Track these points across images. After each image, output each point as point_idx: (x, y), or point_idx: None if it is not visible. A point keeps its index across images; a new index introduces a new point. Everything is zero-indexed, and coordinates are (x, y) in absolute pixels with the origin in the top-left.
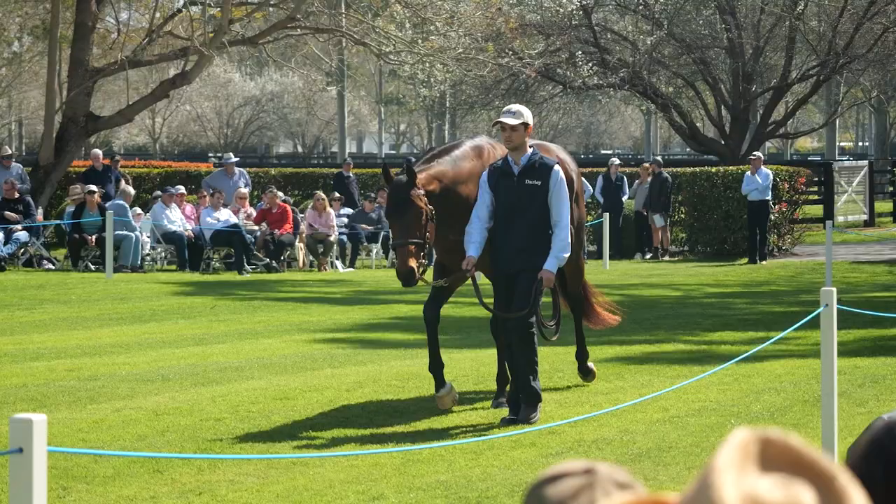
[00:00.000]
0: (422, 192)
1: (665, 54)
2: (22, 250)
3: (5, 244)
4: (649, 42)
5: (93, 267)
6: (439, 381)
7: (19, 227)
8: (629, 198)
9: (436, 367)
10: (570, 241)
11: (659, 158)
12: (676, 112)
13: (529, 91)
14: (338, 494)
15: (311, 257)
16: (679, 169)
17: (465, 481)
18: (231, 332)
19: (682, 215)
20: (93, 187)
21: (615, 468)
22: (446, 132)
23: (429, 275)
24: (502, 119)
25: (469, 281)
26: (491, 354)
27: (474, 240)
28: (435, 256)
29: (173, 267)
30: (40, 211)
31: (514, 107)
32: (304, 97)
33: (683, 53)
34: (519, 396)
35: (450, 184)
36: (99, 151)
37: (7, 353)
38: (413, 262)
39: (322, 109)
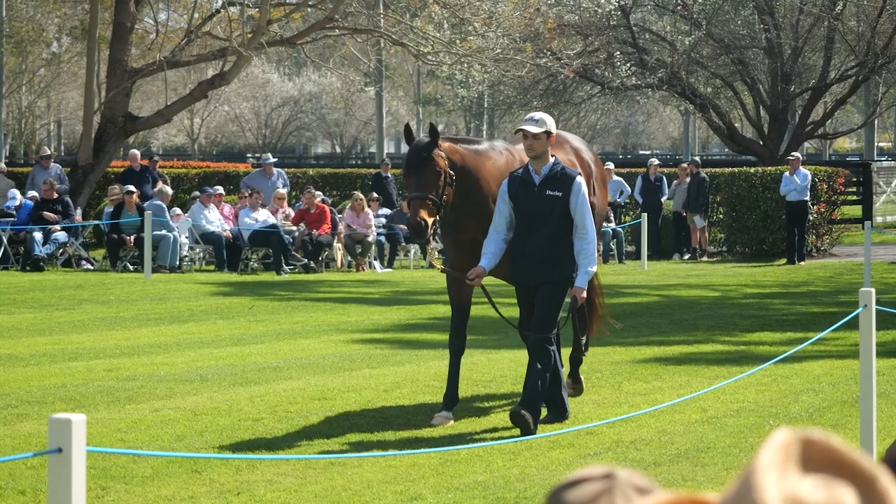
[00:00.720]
0: (443, 154)
1: (703, 54)
2: (61, 251)
3: (44, 244)
4: (688, 42)
5: (131, 267)
6: (447, 405)
7: (58, 227)
8: (668, 198)
9: (451, 397)
10: (595, 251)
11: (697, 159)
12: (715, 112)
13: (567, 91)
14: (376, 495)
15: (349, 258)
16: (717, 169)
17: (504, 482)
18: (269, 332)
19: (721, 216)
20: (131, 187)
21: (634, 473)
22: (484, 133)
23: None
24: (524, 127)
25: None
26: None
27: (488, 251)
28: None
29: (211, 267)
30: (79, 211)
31: (537, 115)
32: (342, 97)
33: (722, 54)
34: (553, 396)
35: (471, 169)
36: (136, 152)
37: (46, 353)
38: (426, 215)
39: (360, 110)
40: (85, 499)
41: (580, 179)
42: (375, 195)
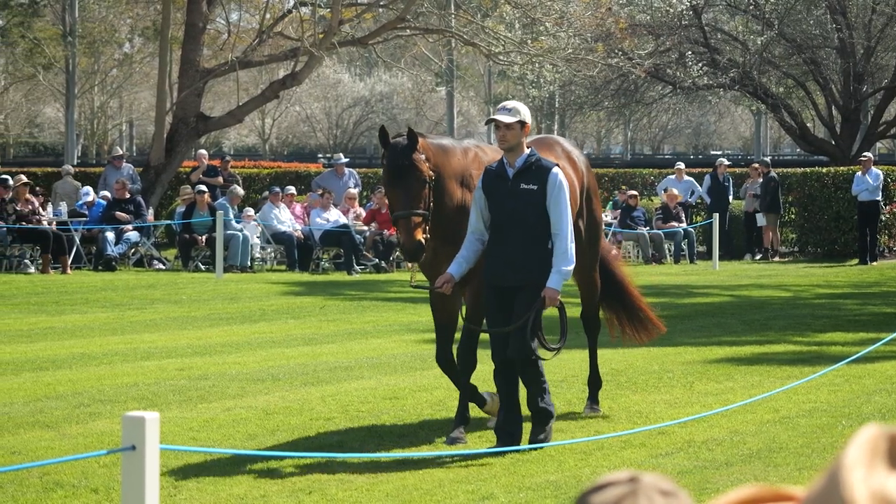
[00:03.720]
0: (424, 157)
1: (775, 54)
2: (133, 250)
3: (116, 244)
4: (760, 42)
5: (203, 267)
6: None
7: (130, 227)
8: (739, 198)
9: (461, 416)
10: (573, 251)
11: (767, 159)
12: (787, 112)
13: (639, 91)
14: (447, 494)
15: None
16: (789, 169)
17: (575, 481)
18: (340, 331)
19: (793, 216)
20: (203, 187)
21: (660, 477)
22: (555, 133)
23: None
24: (496, 116)
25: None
26: (599, 354)
27: (460, 255)
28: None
29: (283, 267)
30: (151, 211)
31: (510, 103)
32: (413, 98)
33: (794, 53)
34: (506, 425)
35: (439, 167)
36: (204, 152)
37: (118, 352)
38: (420, 235)
39: (431, 110)
40: (158, 496)
41: (557, 171)
42: None
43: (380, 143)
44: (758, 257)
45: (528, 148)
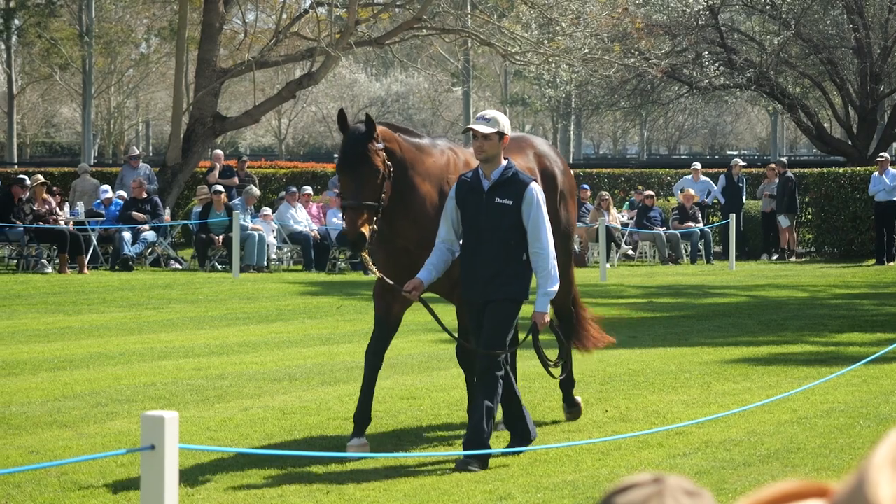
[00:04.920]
0: (381, 146)
1: (792, 54)
2: (150, 250)
3: (133, 244)
4: (776, 42)
5: (219, 267)
6: (358, 431)
7: (147, 226)
8: (755, 198)
9: (362, 415)
10: (556, 269)
11: (784, 159)
12: (803, 112)
13: (655, 91)
14: (465, 494)
15: None
16: (806, 170)
17: (593, 481)
18: (357, 331)
19: (809, 216)
20: (219, 187)
21: (684, 478)
22: (571, 133)
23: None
24: (474, 126)
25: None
26: (616, 355)
27: (430, 262)
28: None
29: (299, 267)
30: (168, 211)
31: (490, 112)
32: (429, 98)
33: (811, 53)
34: (514, 420)
35: (407, 163)
36: (220, 152)
37: (135, 351)
38: (365, 228)
39: (447, 110)
40: (177, 495)
41: (534, 186)
42: None
43: (338, 127)
44: (774, 258)
45: (505, 160)
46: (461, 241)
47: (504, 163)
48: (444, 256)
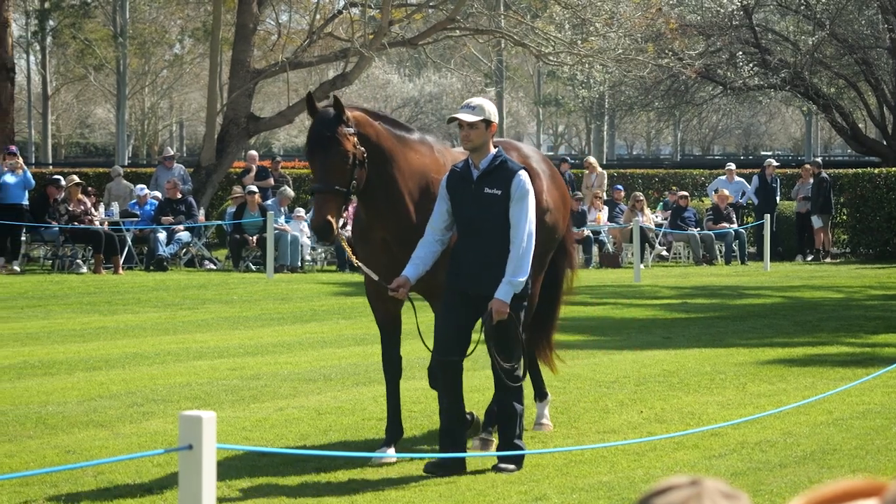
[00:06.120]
0: (352, 130)
1: (827, 54)
2: (184, 250)
3: (168, 244)
4: (811, 42)
5: (254, 267)
6: (389, 442)
7: (181, 227)
8: (789, 199)
9: (394, 427)
10: (528, 261)
11: (818, 160)
12: (838, 113)
13: (689, 92)
14: (500, 494)
15: None
16: (841, 170)
17: (628, 482)
18: None
19: (844, 217)
20: (253, 188)
21: (720, 481)
22: (605, 133)
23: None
24: (459, 115)
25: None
26: (651, 356)
27: (416, 255)
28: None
29: (333, 267)
30: (202, 211)
31: (475, 100)
32: (462, 98)
33: (845, 54)
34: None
35: (386, 152)
36: (255, 153)
37: (171, 351)
38: (332, 215)
39: None
40: (215, 495)
41: (523, 175)
42: None
43: (307, 110)
44: (809, 258)
45: (494, 148)
46: (450, 233)
47: (493, 151)
48: (432, 248)
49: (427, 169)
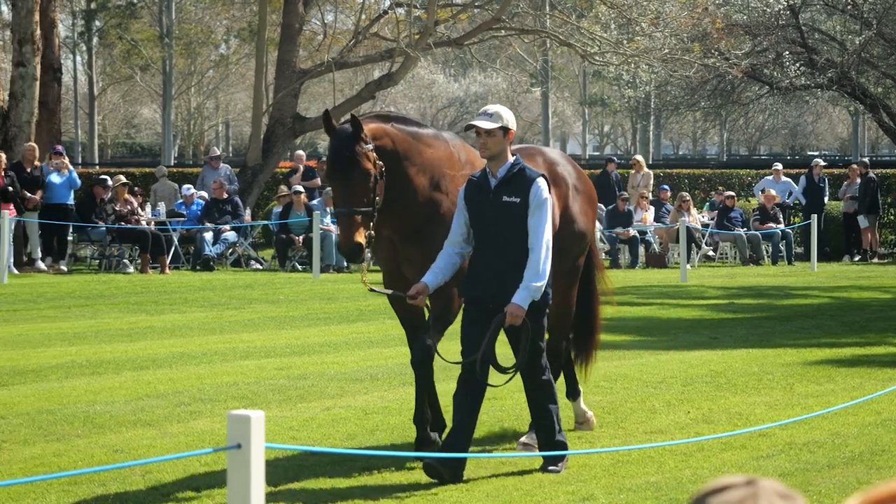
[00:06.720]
0: (371, 146)
1: (874, 54)
2: (230, 250)
3: (214, 244)
4: (858, 42)
5: (300, 267)
6: (423, 440)
7: (228, 227)
8: (837, 199)
9: (435, 423)
10: (546, 268)
11: (866, 160)
12: (885, 113)
13: (735, 92)
14: (547, 494)
15: None
16: (888, 170)
17: (676, 483)
18: None
19: (892, 217)
20: (299, 187)
21: (776, 481)
22: (651, 133)
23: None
24: (476, 122)
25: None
26: (698, 356)
27: (436, 265)
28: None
29: (378, 268)
30: (248, 211)
31: (492, 107)
32: (507, 98)
33: (893, 53)
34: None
35: (400, 154)
36: (302, 153)
37: (217, 351)
38: (360, 236)
39: (526, 111)
40: (263, 495)
41: (541, 183)
42: None
43: (324, 128)
44: (857, 259)
45: (513, 156)
46: (470, 245)
47: (511, 159)
48: (451, 260)
49: (439, 163)
